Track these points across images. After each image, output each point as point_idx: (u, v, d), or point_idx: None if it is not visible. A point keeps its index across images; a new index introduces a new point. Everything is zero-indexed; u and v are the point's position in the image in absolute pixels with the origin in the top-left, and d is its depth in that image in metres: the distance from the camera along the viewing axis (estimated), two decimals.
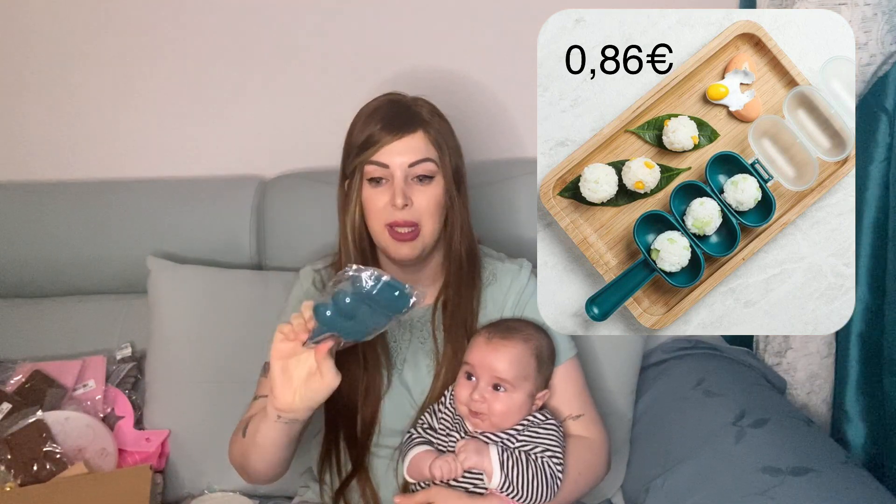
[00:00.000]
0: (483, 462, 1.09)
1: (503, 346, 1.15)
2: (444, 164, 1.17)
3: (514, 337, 1.16)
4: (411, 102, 1.19)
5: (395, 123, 1.15)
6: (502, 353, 1.14)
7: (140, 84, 1.66)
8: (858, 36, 1.22)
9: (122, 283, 1.61)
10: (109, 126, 1.68)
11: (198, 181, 1.65)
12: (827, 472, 1.16)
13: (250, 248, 1.60)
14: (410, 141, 1.15)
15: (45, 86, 1.65)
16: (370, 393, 1.21)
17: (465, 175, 1.23)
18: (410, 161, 1.14)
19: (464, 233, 1.22)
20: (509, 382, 1.13)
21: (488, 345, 1.15)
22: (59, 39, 1.62)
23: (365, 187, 1.17)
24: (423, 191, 1.16)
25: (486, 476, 1.10)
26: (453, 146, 1.20)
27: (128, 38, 1.63)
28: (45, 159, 1.69)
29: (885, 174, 1.31)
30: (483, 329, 1.20)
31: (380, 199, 1.16)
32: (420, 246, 1.17)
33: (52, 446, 1.33)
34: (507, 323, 1.21)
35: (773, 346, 1.56)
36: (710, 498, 1.19)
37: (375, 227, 1.18)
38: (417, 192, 1.15)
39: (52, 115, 1.67)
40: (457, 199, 1.20)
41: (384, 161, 1.14)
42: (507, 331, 1.17)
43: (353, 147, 1.17)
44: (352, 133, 1.19)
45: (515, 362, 1.14)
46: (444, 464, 1.10)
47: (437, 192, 1.16)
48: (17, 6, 1.60)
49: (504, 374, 1.13)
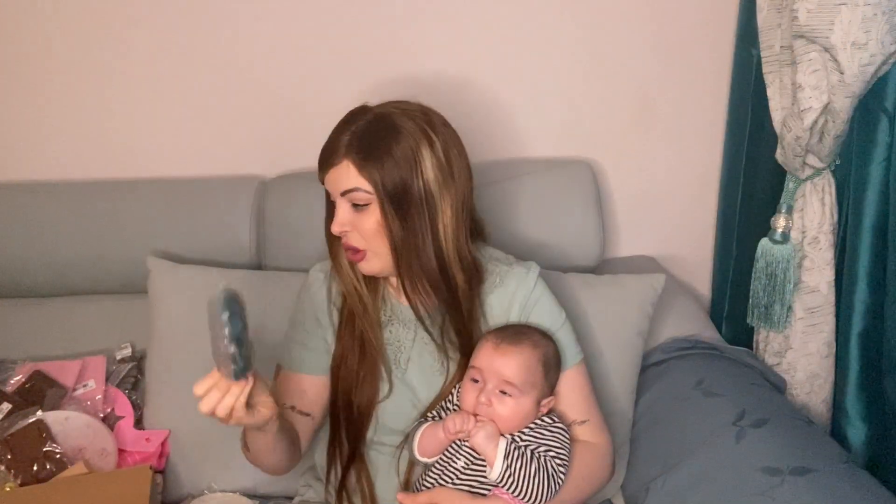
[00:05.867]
0: (489, 448, 1.10)
1: (511, 352, 1.15)
2: (378, 190, 1.12)
3: (523, 343, 1.16)
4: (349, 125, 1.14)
5: (325, 153, 1.15)
6: (510, 358, 1.14)
7: (140, 84, 1.66)
8: (858, 36, 1.22)
9: (122, 283, 1.61)
10: (109, 126, 1.68)
11: (198, 181, 1.65)
12: (827, 472, 1.16)
13: (250, 248, 1.60)
14: (338, 171, 1.14)
15: (44, 86, 1.65)
16: (366, 390, 1.22)
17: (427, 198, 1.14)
18: (340, 189, 1.14)
19: (422, 250, 1.15)
20: (517, 388, 1.13)
21: (496, 350, 1.15)
22: (56, 38, 1.62)
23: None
24: (360, 217, 1.15)
25: (488, 464, 1.10)
26: (392, 167, 1.11)
27: (127, 37, 1.62)
28: (45, 159, 1.69)
29: (885, 174, 1.31)
30: (490, 334, 1.19)
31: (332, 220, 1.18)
32: (376, 265, 1.18)
33: (52, 446, 1.33)
34: (515, 328, 1.21)
35: (773, 346, 1.56)
36: (710, 498, 1.19)
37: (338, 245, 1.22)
38: (356, 217, 1.15)
39: (52, 116, 1.67)
40: (396, 222, 1.13)
41: (326, 187, 1.18)
42: (515, 336, 1.17)
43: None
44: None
45: (523, 368, 1.14)
46: (457, 416, 1.12)
47: (372, 218, 1.14)
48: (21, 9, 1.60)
49: (512, 379, 1.13)
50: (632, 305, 1.45)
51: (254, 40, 1.64)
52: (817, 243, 1.46)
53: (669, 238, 1.84)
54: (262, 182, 1.65)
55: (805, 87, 1.31)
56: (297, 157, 1.67)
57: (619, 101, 1.72)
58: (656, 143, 1.76)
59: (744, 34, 1.60)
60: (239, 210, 1.60)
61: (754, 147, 1.62)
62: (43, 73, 1.65)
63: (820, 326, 1.49)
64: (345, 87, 1.65)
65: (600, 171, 1.74)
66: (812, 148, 1.39)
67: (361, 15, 1.63)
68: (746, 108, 1.62)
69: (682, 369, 1.47)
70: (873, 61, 1.23)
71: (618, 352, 1.43)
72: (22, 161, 1.69)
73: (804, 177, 1.45)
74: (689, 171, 1.79)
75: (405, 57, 1.65)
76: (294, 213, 1.57)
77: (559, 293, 1.31)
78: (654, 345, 1.53)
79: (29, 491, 1.28)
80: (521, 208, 1.59)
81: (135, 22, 1.62)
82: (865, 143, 1.33)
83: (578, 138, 1.74)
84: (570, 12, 1.65)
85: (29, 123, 1.68)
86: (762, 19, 1.44)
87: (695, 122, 1.75)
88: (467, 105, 1.64)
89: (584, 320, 1.41)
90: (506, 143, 1.70)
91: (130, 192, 1.62)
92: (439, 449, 1.16)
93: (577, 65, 1.69)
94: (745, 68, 1.61)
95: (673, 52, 1.69)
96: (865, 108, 1.32)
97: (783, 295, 1.49)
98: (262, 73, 1.66)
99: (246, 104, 1.68)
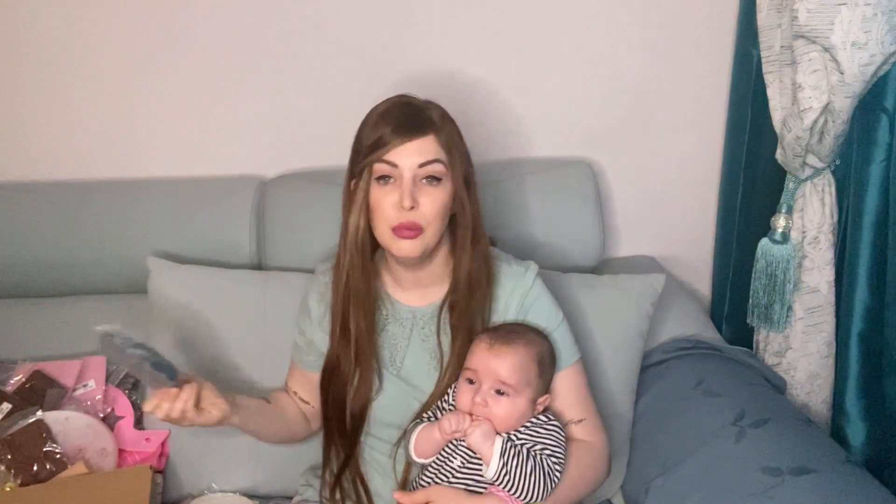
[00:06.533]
0: (485, 446, 1.10)
1: (505, 351, 1.15)
2: (454, 168, 1.17)
3: (516, 342, 1.16)
4: (423, 105, 1.19)
5: (407, 125, 1.15)
6: (504, 358, 1.14)
7: (140, 84, 1.66)
8: (858, 36, 1.21)
9: (122, 283, 1.61)
10: (109, 126, 1.68)
11: (198, 181, 1.65)
12: (827, 472, 1.16)
13: (250, 248, 1.60)
14: (421, 143, 1.14)
15: (44, 86, 1.65)
16: (360, 390, 1.23)
17: (475, 182, 1.23)
18: (420, 161, 1.14)
19: (475, 237, 1.21)
20: (512, 387, 1.13)
21: (490, 350, 1.15)
22: (58, 41, 1.62)
23: (373, 186, 1.17)
24: (430, 192, 1.15)
25: (484, 462, 1.11)
26: (463, 151, 1.20)
27: (127, 38, 1.63)
28: (45, 160, 1.69)
29: (885, 174, 1.31)
30: (483, 334, 1.19)
31: (387, 199, 1.15)
32: (421, 246, 1.17)
33: (52, 446, 1.33)
34: (508, 328, 1.21)
35: (773, 346, 1.56)
36: (710, 498, 1.19)
37: (380, 227, 1.17)
38: (425, 193, 1.15)
39: (51, 116, 1.67)
40: (467, 203, 1.19)
41: (394, 160, 1.14)
42: (508, 336, 1.17)
43: (362, 147, 1.17)
44: (362, 133, 1.19)
45: (518, 367, 1.14)
46: (453, 416, 1.12)
47: (444, 195, 1.16)
48: (18, 6, 1.60)
49: (507, 378, 1.13)
50: (632, 305, 1.45)
51: (254, 40, 1.64)
52: (817, 243, 1.46)
53: (669, 238, 1.84)
54: (262, 182, 1.65)
55: (805, 87, 1.31)
56: (297, 157, 1.68)
57: (619, 101, 1.72)
58: (656, 143, 1.76)
59: (744, 34, 1.60)
60: (239, 210, 1.60)
61: (754, 147, 1.62)
62: (43, 74, 1.65)
63: (820, 326, 1.49)
64: (345, 87, 1.65)
65: (600, 171, 1.74)
66: (812, 148, 1.39)
67: (362, 16, 1.63)
68: (746, 108, 1.62)
69: (682, 369, 1.47)
70: (873, 61, 1.23)
71: (618, 352, 1.43)
72: (22, 161, 1.69)
73: (804, 177, 1.45)
74: (689, 171, 1.79)
75: (405, 57, 1.65)
76: (294, 213, 1.57)
77: (559, 293, 1.31)
78: (654, 345, 1.53)
79: (29, 491, 1.29)
80: (521, 208, 1.59)
81: (135, 22, 1.62)
82: (865, 142, 1.33)
83: (578, 138, 1.74)
84: (570, 12, 1.65)
85: (29, 124, 1.68)
86: (762, 19, 1.44)
87: (695, 122, 1.75)
88: (468, 105, 1.64)
89: (584, 320, 1.41)
90: (506, 143, 1.70)
91: (130, 191, 1.62)
92: (435, 449, 1.16)
93: (577, 65, 1.69)
94: (745, 68, 1.61)
95: (673, 52, 1.69)
96: (865, 108, 1.32)
97: (783, 295, 1.49)
98: (262, 73, 1.66)
99: (246, 104, 1.68)
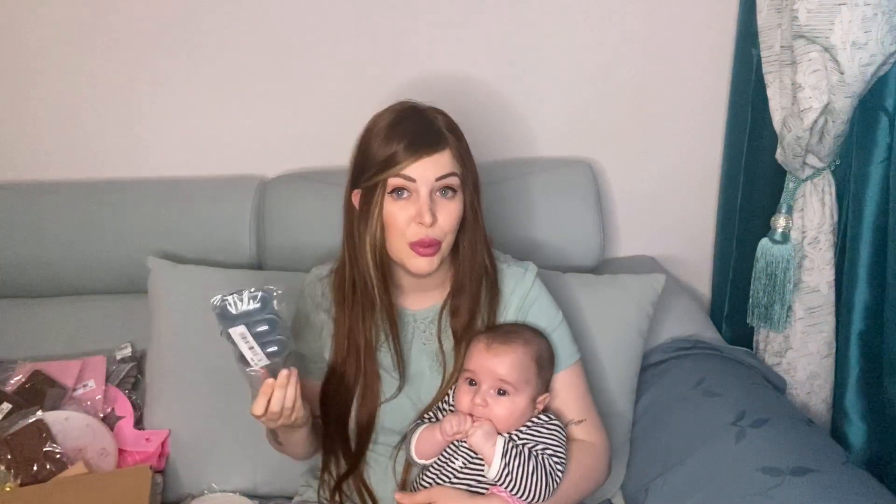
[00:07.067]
0: (487, 446, 1.10)
1: (503, 351, 1.15)
2: (467, 178, 1.16)
3: (514, 341, 1.16)
4: (431, 116, 1.16)
5: (421, 141, 1.12)
6: (503, 357, 1.14)
7: (140, 84, 1.66)
8: (858, 36, 1.21)
9: (122, 283, 1.61)
10: (109, 126, 1.68)
11: (198, 181, 1.65)
12: (827, 472, 1.16)
13: (250, 248, 1.60)
14: (437, 158, 1.13)
15: (44, 87, 1.65)
16: (367, 399, 1.21)
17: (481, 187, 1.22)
18: (437, 175, 1.12)
19: (484, 243, 1.21)
20: (511, 386, 1.13)
21: (488, 350, 1.15)
22: (56, 39, 1.62)
23: (387, 201, 1.14)
24: (445, 206, 1.14)
25: (486, 463, 1.11)
26: (472, 160, 1.19)
27: (128, 39, 1.62)
28: (45, 159, 1.69)
29: (885, 174, 1.31)
30: (481, 335, 1.19)
31: (402, 214, 1.13)
32: (438, 262, 1.16)
33: (52, 446, 1.33)
34: (506, 328, 1.21)
35: (773, 346, 1.56)
36: (710, 498, 1.19)
37: (396, 242, 1.15)
38: (441, 207, 1.14)
39: (52, 117, 1.67)
40: (479, 210, 1.19)
41: (411, 175, 1.12)
42: (506, 335, 1.17)
43: (374, 162, 1.13)
44: (370, 146, 1.14)
45: (517, 366, 1.14)
46: (454, 418, 1.12)
47: (458, 206, 1.15)
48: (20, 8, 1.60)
49: (506, 377, 1.13)
50: (632, 305, 1.45)
51: (254, 41, 1.64)
52: (817, 243, 1.46)
53: (669, 238, 1.84)
54: (262, 182, 1.65)
55: (805, 87, 1.31)
56: (297, 157, 1.68)
57: (620, 101, 1.72)
58: (656, 143, 1.76)
59: (744, 34, 1.60)
60: (239, 210, 1.60)
61: (754, 147, 1.62)
62: (43, 74, 1.65)
63: (820, 326, 1.49)
64: (345, 87, 1.65)
65: (600, 171, 1.74)
66: (812, 148, 1.39)
67: (362, 17, 1.63)
68: (746, 108, 1.62)
69: (682, 369, 1.47)
70: (873, 61, 1.23)
71: (617, 352, 1.43)
72: (22, 161, 1.69)
73: (804, 177, 1.45)
74: (688, 171, 1.79)
75: (406, 58, 1.65)
76: (294, 213, 1.57)
77: (558, 293, 1.31)
78: (654, 345, 1.53)
79: (29, 491, 1.28)
80: (521, 208, 1.59)
81: (134, 23, 1.62)
82: (865, 143, 1.33)
83: (578, 138, 1.74)
84: (571, 12, 1.65)
85: (29, 123, 1.68)
86: (762, 19, 1.44)
87: (695, 122, 1.75)
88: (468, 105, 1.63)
89: (584, 320, 1.41)
90: (506, 143, 1.70)
91: (130, 192, 1.63)
92: (437, 451, 1.16)
93: (577, 65, 1.69)
94: (745, 68, 1.61)
95: (673, 52, 1.69)
96: (865, 108, 1.32)
97: (783, 295, 1.49)
98: (262, 73, 1.66)
99: (246, 104, 1.68)
